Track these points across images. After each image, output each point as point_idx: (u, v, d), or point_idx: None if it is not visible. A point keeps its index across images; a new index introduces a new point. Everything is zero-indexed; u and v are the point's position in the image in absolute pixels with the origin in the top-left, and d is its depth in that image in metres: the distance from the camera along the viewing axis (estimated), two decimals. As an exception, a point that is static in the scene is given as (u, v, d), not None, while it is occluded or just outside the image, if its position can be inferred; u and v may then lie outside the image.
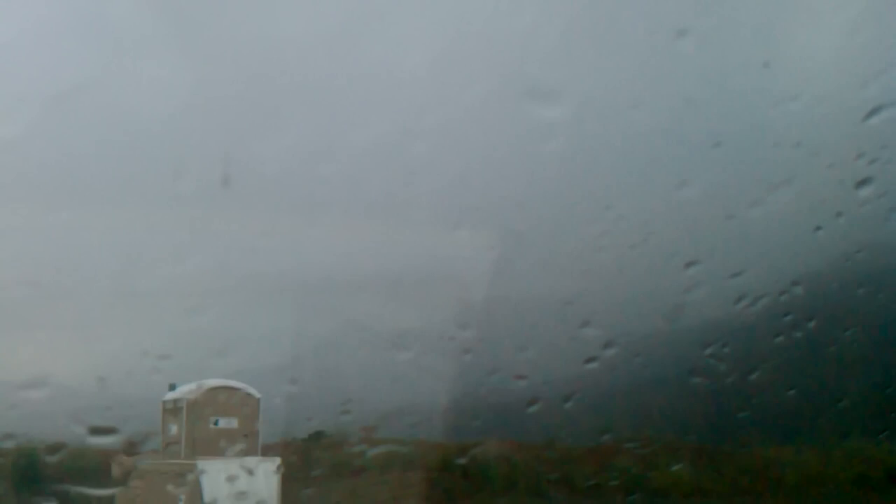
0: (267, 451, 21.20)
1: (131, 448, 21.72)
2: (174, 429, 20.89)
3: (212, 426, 21.04)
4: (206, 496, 17.75)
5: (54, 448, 21.75)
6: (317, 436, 27.13)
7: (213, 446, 20.45)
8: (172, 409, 21.31)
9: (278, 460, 20.11)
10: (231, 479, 18.35)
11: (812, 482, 22.47)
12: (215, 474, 18.32)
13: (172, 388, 21.90)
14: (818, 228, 20.88)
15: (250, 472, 18.81)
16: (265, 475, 19.30)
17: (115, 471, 19.77)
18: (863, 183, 16.95)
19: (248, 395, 22.48)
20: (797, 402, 35.26)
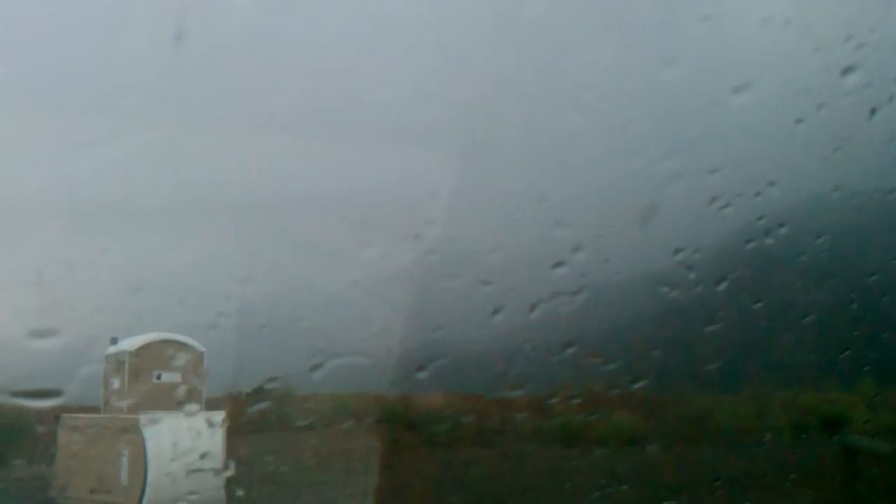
0: (211, 405, 21.17)
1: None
2: (116, 383, 20.71)
3: (155, 380, 20.90)
4: (150, 450, 17.68)
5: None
6: (261, 390, 27.12)
7: (157, 400, 20.33)
8: (114, 364, 21.12)
9: (223, 413, 20.09)
10: (174, 432, 18.30)
11: (749, 430, 23.16)
12: (158, 428, 18.26)
13: (114, 341, 21.67)
14: (799, 121, 20.21)
15: (194, 426, 18.77)
16: (209, 428, 19.28)
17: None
18: (848, 70, 16.15)
19: (192, 348, 22.37)
20: (736, 350, 36.13)
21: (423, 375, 27.21)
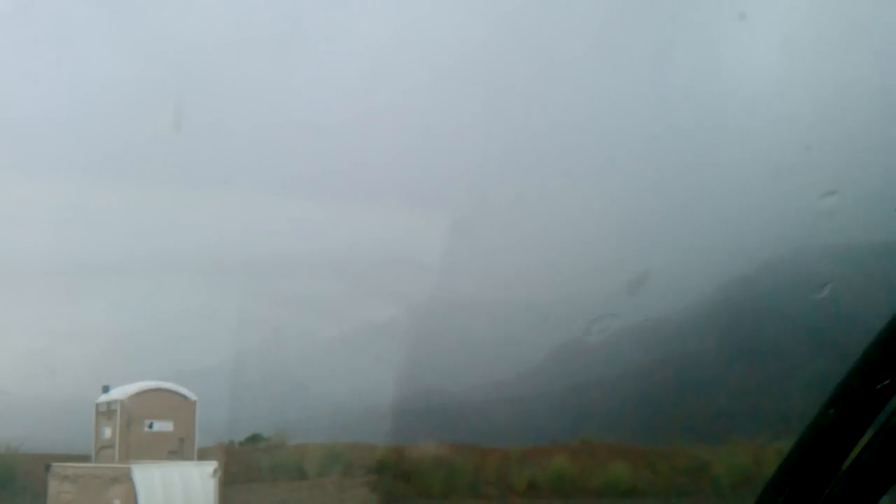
0: (203, 455, 20.87)
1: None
2: (107, 432, 20.41)
3: (146, 429, 20.61)
4: (141, 500, 17.37)
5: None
6: (254, 439, 26.88)
7: (148, 450, 20.03)
8: (106, 412, 20.82)
9: (215, 464, 19.76)
10: (166, 483, 18.00)
11: (746, 482, 22.90)
12: (150, 478, 17.94)
13: (106, 389, 21.41)
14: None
15: (186, 477, 18.48)
16: (201, 479, 18.95)
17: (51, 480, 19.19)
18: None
19: (184, 397, 22.12)
20: (731, 401, 36.00)
21: (416, 426, 27.12)
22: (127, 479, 17.03)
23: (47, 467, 18.83)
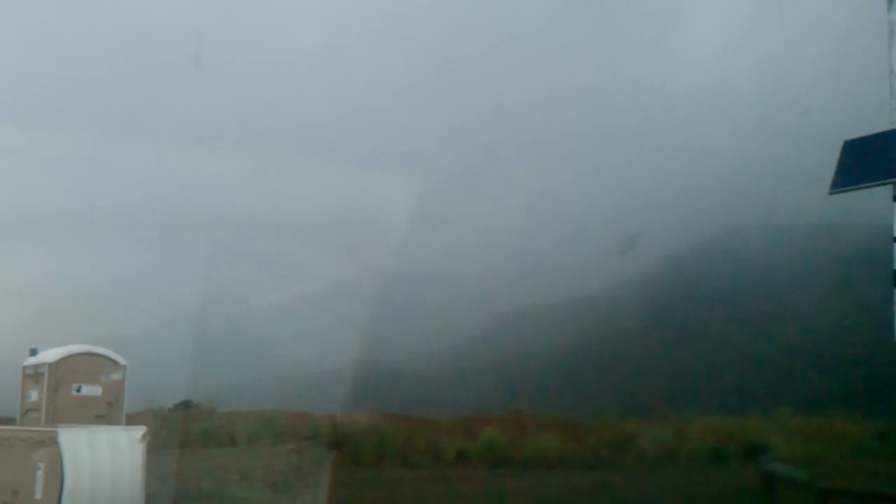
0: (132, 420, 20.66)
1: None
2: (34, 395, 20.06)
3: (74, 393, 20.31)
4: (67, 465, 17.15)
5: None
6: (184, 405, 26.65)
7: (75, 414, 19.74)
8: (33, 375, 20.46)
9: (143, 429, 19.54)
10: (93, 447, 17.78)
11: (670, 455, 23.49)
12: (76, 443, 17.69)
13: (34, 352, 21.03)
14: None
15: (113, 441, 18.28)
16: (129, 444, 18.75)
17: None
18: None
19: (114, 361, 21.84)
20: (658, 377, 36.72)
21: (351, 395, 27.17)
22: (53, 442, 16.78)
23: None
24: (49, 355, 20.66)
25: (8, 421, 20.43)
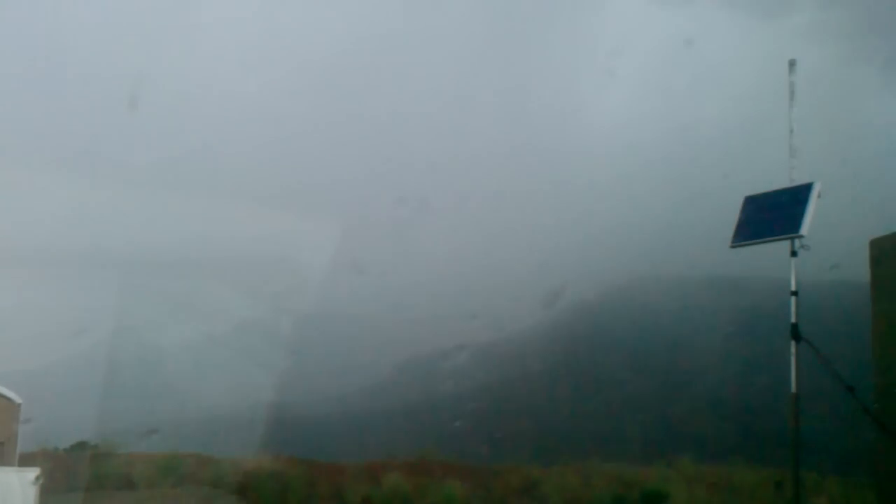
0: (26, 461, 19.92)
1: None
2: (-78, 434, 19.28)
3: (-36, 432, 19.62)
4: (-46, 507, 16.45)
5: None
6: (81, 446, 25.69)
7: (-35, 454, 19.00)
8: (-80, 413, 19.69)
9: (37, 470, 18.90)
10: (-18, 489, 17.09)
11: (574, 502, 23.71)
12: (-36, 485, 17.00)
13: (-76, 389, 20.32)
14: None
15: (5, 483, 17.59)
16: (21, 486, 18.08)
17: None
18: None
19: (7, 398, 21.24)
20: (564, 423, 37.13)
21: (256, 438, 26.66)
22: (-60, 483, 16.09)
23: None
24: (-61, 392, 19.93)
25: None
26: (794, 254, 10.22)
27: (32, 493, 18.16)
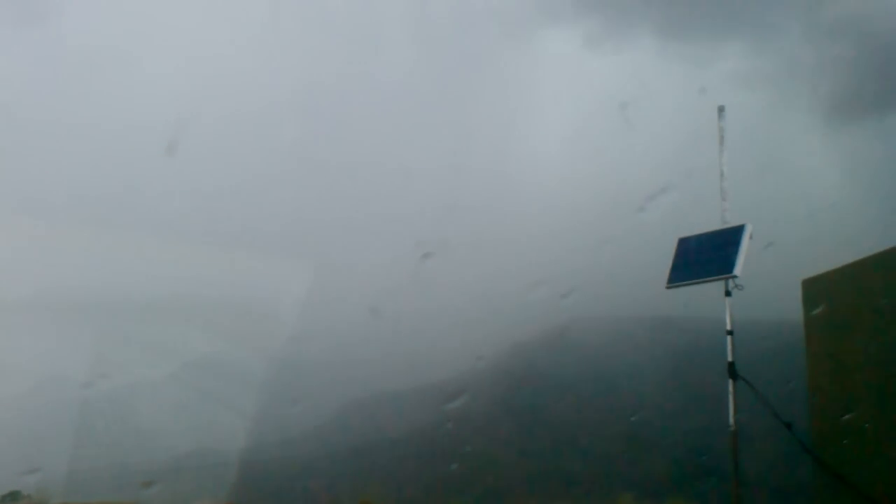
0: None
1: None
2: None
3: None
4: None
5: None
6: (12, 496, 24.89)
7: None
8: None
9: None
10: None
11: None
12: None
13: None
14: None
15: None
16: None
17: None
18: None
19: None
20: (509, 463, 37.14)
21: (193, 484, 26.14)
22: None
23: None
24: None
25: None
26: (728, 294, 10.50)
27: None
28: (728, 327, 10.42)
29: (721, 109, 10.99)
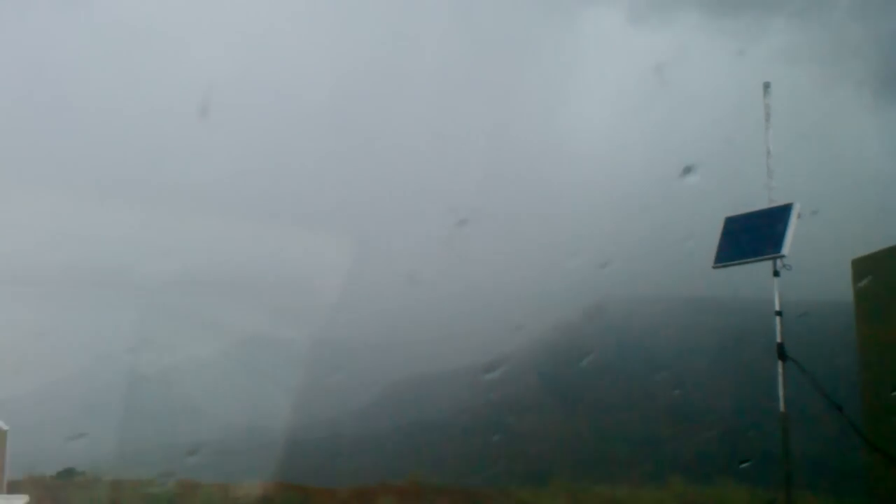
0: (13, 489, 19.78)
1: None
2: None
3: (-50, 460, 19.46)
4: (-59, 537, 16.37)
5: None
6: (68, 473, 25.51)
7: (-48, 483, 18.88)
8: None
9: (25, 498, 18.80)
10: (-30, 518, 17.03)
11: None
12: (-49, 514, 16.93)
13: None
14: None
15: (-8, 512, 17.52)
16: (9, 514, 18.00)
17: None
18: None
19: (-7, 425, 21.04)
20: (554, 445, 37.13)
21: (246, 464, 26.56)
22: (-73, 512, 16.03)
23: None
24: (-76, 420, 19.82)
25: None
26: (776, 273, 10.35)
27: (20, 520, 18.05)
28: (776, 308, 10.28)
29: (766, 86, 10.80)
